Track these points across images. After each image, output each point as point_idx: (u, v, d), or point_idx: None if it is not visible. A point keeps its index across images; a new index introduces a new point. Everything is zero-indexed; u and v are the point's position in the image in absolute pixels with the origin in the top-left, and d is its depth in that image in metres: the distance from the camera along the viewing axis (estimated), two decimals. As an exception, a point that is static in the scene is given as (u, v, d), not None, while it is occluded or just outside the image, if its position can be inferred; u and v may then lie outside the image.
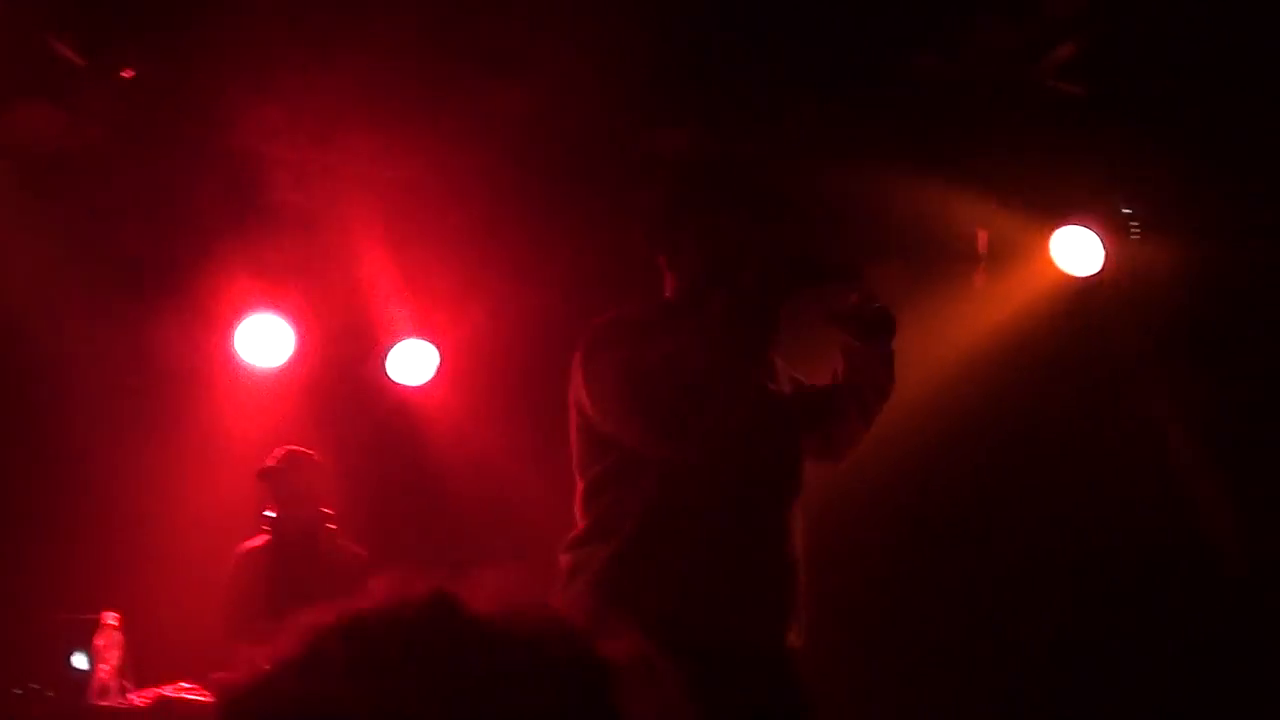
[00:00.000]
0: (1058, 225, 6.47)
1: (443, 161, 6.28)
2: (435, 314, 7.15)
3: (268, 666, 1.39)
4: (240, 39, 5.50)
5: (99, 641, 5.64)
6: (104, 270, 6.64)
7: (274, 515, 6.21)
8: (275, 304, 6.95)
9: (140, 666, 5.79)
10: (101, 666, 5.62)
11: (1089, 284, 6.54)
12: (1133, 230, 6.45)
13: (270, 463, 6.20)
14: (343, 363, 7.27)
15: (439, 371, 7.25)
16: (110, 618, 5.69)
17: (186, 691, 5.60)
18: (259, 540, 6.22)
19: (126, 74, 5.87)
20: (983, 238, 6.65)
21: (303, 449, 6.28)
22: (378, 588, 1.45)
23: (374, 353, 7.23)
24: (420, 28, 5.54)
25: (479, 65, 5.64)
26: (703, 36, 5.45)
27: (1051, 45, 5.75)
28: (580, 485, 3.75)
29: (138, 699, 5.60)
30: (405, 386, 7.30)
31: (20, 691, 5.56)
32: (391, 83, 5.71)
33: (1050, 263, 6.52)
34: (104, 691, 5.58)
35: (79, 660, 5.68)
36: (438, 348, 7.22)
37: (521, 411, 6.68)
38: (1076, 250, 6.47)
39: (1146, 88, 5.80)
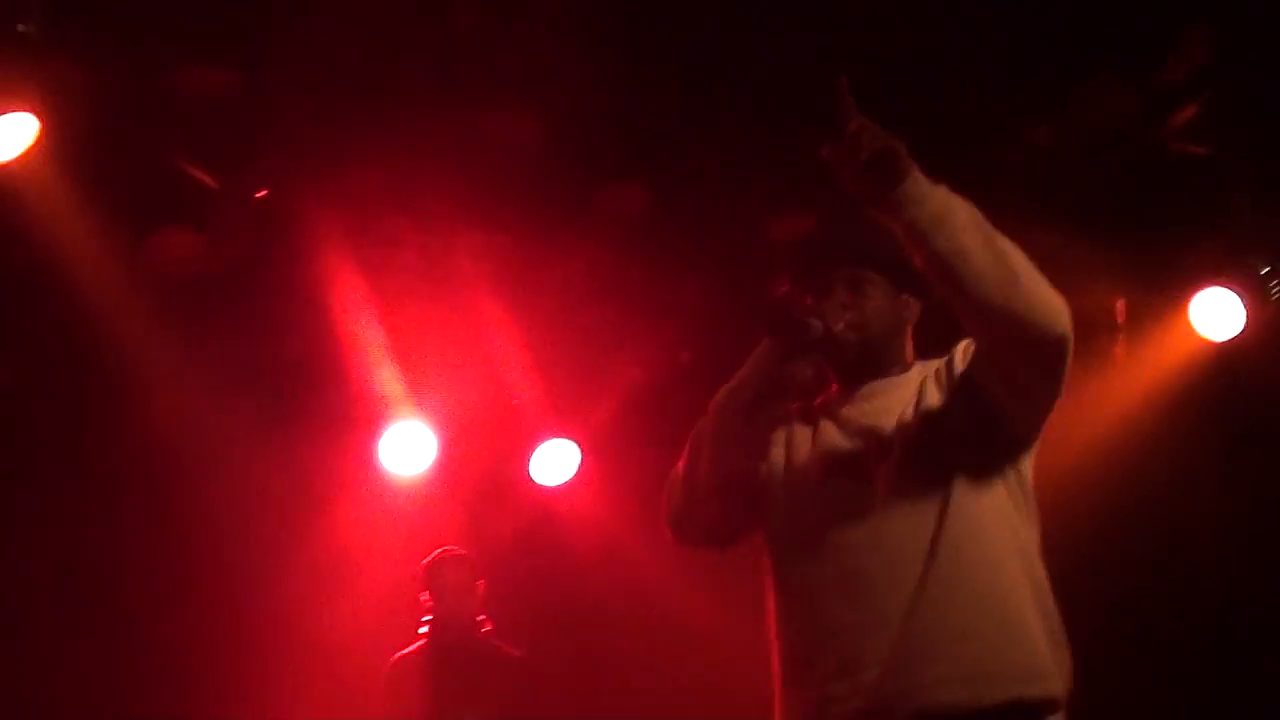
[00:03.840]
0: (1194, 290, 6.34)
1: (563, 259, 6.37)
2: (571, 411, 7.19)
3: None
4: (365, 148, 5.65)
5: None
6: (248, 387, 6.77)
7: (431, 617, 6.17)
8: (416, 411, 7.05)
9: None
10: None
11: (1230, 347, 6.38)
12: (1273, 290, 6.32)
13: (426, 562, 6.21)
14: (485, 466, 7.32)
15: (580, 469, 7.30)
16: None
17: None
18: (413, 647, 6.20)
19: (260, 194, 6.04)
20: (1121, 307, 6.52)
21: (456, 548, 6.30)
22: None
23: (516, 454, 7.29)
24: (543, 135, 5.67)
25: (593, 164, 5.72)
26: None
27: (1173, 107, 5.70)
28: None
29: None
30: (547, 487, 7.36)
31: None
32: (510, 188, 5.81)
33: (1190, 328, 6.38)
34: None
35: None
36: (578, 445, 7.28)
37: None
38: (1216, 314, 6.33)
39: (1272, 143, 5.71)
